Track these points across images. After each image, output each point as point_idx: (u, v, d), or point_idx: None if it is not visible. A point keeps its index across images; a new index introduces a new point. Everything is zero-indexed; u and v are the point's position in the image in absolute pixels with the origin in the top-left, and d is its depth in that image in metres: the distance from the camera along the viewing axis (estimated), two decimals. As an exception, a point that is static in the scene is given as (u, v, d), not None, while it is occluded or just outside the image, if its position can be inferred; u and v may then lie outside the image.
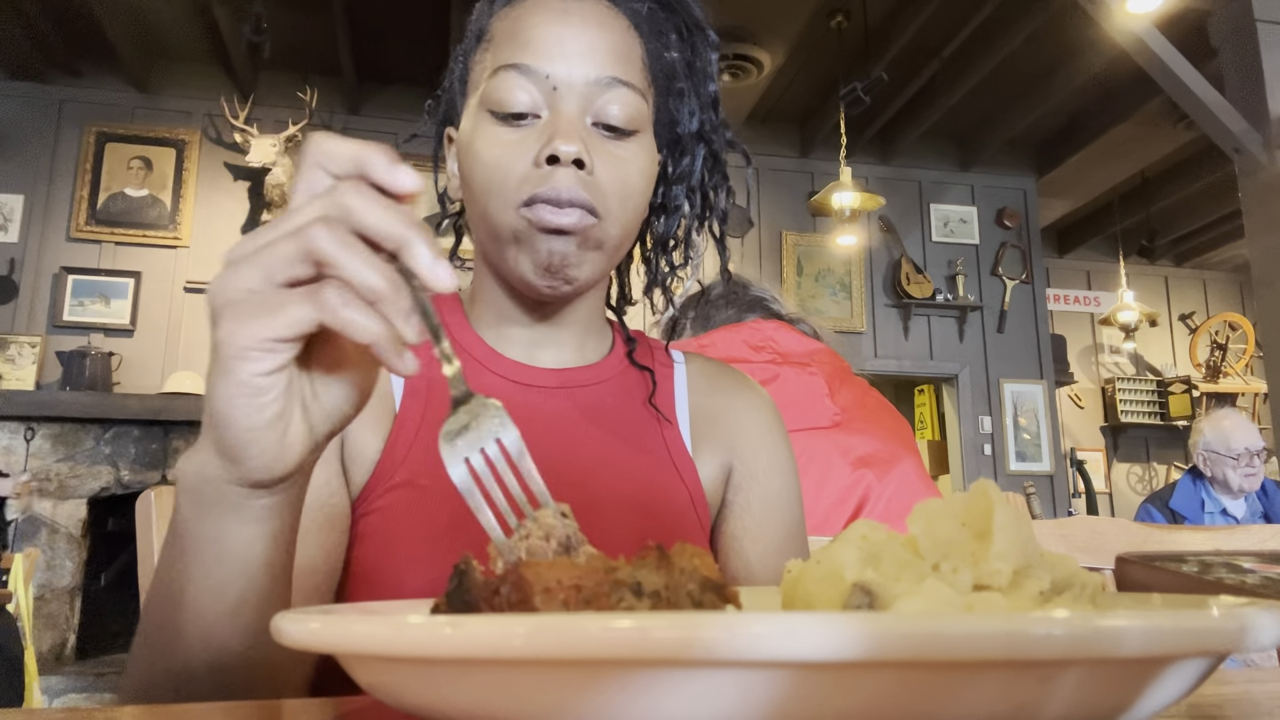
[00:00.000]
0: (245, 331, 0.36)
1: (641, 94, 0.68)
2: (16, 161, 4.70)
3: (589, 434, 0.70)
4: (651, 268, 0.78)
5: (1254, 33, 3.54)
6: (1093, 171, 6.09)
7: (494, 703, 0.25)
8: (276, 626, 0.30)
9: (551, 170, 0.63)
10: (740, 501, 0.75)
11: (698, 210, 0.77)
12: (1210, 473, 3.07)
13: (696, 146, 0.75)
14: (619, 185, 0.65)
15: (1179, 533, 1.11)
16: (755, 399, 0.80)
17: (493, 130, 0.65)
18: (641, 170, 0.68)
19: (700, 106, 0.74)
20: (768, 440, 0.78)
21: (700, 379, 0.79)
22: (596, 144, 0.65)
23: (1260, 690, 0.41)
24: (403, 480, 0.64)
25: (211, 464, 0.41)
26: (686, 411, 0.76)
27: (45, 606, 3.97)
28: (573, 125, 0.64)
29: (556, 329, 0.73)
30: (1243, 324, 7.30)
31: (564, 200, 0.62)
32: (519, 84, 0.65)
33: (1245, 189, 3.65)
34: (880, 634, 0.22)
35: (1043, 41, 4.61)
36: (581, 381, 0.73)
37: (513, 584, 0.29)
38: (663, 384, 0.77)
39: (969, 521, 0.32)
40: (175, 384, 4.36)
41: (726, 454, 0.76)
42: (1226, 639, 0.24)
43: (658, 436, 0.74)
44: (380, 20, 4.49)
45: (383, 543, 0.63)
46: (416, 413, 0.67)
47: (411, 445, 0.65)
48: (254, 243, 0.37)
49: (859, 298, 5.71)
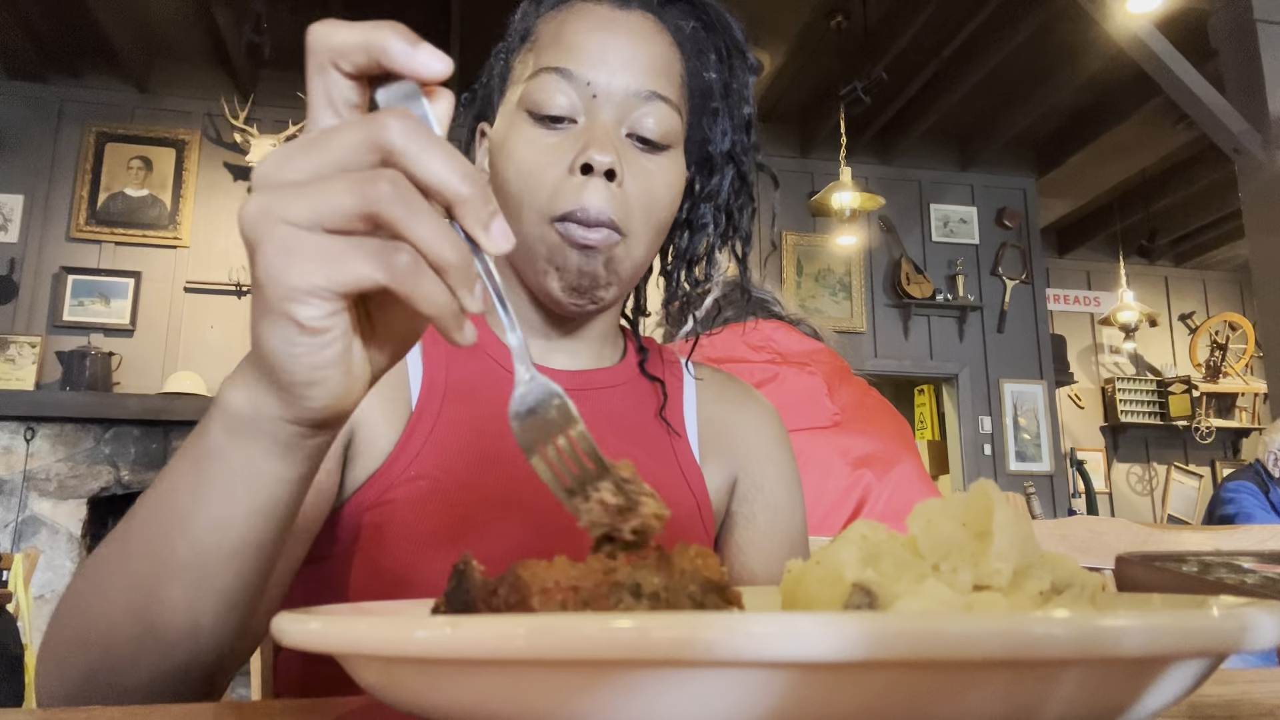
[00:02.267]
0: (299, 277, 0.33)
1: (677, 110, 0.69)
2: (16, 161, 4.70)
3: (600, 437, 0.70)
4: (672, 282, 0.80)
5: (1254, 33, 3.54)
6: (1093, 171, 6.09)
7: (494, 703, 0.25)
8: (277, 626, 0.30)
9: (584, 183, 0.64)
10: (745, 512, 0.77)
11: (722, 229, 0.78)
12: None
13: (726, 166, 0.76)
14: (646, 200, 0.67)
15: (1179, 533, 1.11)
16: (762, 410, 0.82)
17: (529, 131, 0.66)
18: (669, 186, 0.69)
19: (733, 128, 0.75)
20: (774, 452, 0.79)
21: (709, 390, 0.81)
22: (629, 155, 0.66)
23: (1260, 690, 0.41)
24: (418, 473, 0.64)
25: (268, 401, 0.38)
26: (695, 422, 0.78)
27: (45, 606, 3.97)
28: (608, 134, 0.65)
29: (573, 338, 0.74)
30: (1243, 324, 7.30)
31: (593, 220, 0.64)
32: (559, 87, 0.66)
33: (1245, 189, 3.65)
34: (880, 634, 0.22)
35: (1043, 41, 4.61)
36: (595, 384, 0.74)
37: (510, 584, 0.29)
38: (673, 394, 0.78)
39: (969, 521, 0.32)
40: (175, 384, 4.36)
41: (732, 465, 0.78)
42: (1226, 639, 0.24)
43: (667, 444, 0.75)
44: (380, 20, 4.48)
45: (397, 535, 0.62)
46: (434, 406, 0.67)
47: (427, 439, 0.65)
48: (297, 168, 0.34)
49: (859, 298, 5.71)
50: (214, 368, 4.58)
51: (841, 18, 4.55)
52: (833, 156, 5.27)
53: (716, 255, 0.79)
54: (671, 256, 0.80)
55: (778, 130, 5.70)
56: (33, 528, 4.06)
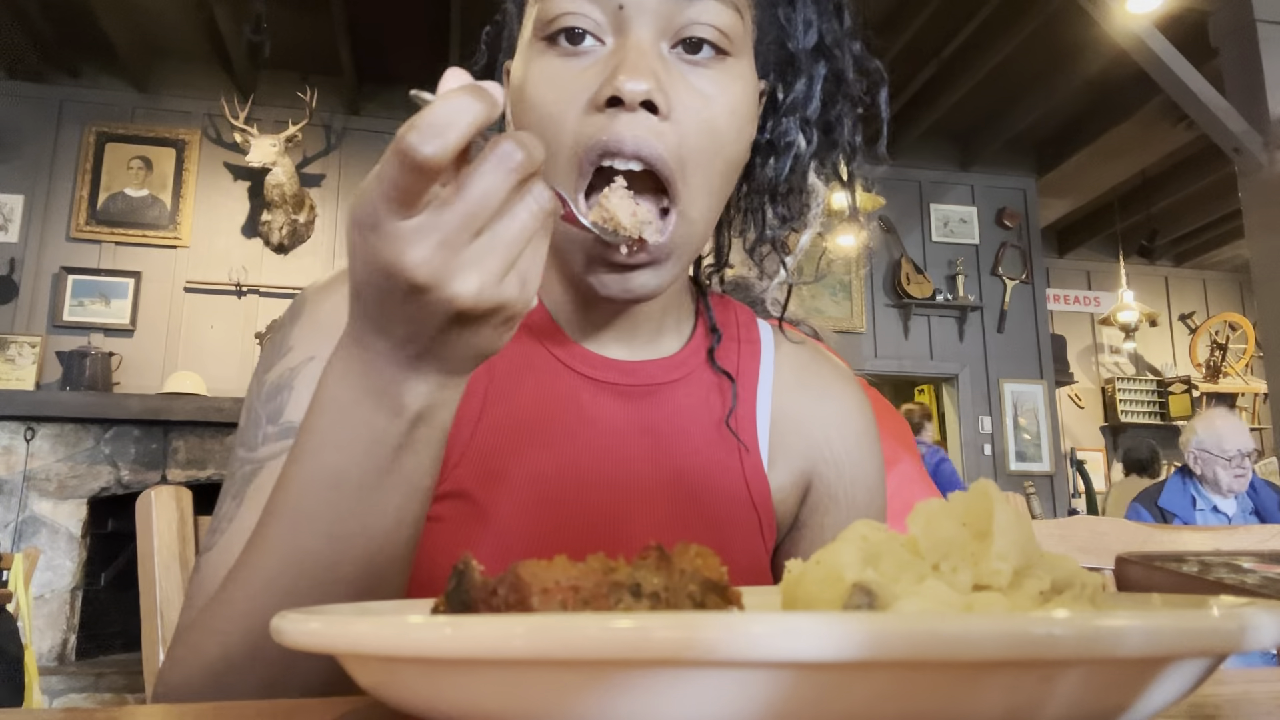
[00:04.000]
0: (522, 302, 0.39)
1: (735, 7, 0.55)
2: (16, 161, 4.70)
3: (654, 447, 0.61)
4: (756, 221, 0.65)
5: (1254, 33, 3.54)
6: (1093, 171, 6.10)
7: (494, 703, 0.25)
8: (276, 626, 0.30)
9: (613, 116, 0.51)
10: (815, 523, 0.66)
11: (813, 147, 0.62)
12: (1201, 471, 3.08)
13: (815, 66, 0.61)
14: (705, 133, 0.53)
15: (1179, 533, 1.11)
16: (848, 402, 0.69)
17: (545, 63, 0.54)
18: (734, 110, 0.55)
19: (819, 13, 0.61)
20: (854, 453, 0.67)
21: (788, 374, 0.67)
22: (674, 76, 0.53)
23: (1260, 690, 0.41)
24: (454, 489, 0.56)
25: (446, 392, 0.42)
26: (768, 411, 0.66)
27: (45, 606, 3.97)
28: (643, 54, 0.51)
29: (626, 316, 0.61)
30: (1243, 324, 7.30)
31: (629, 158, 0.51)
32: (574, 2, 0.53)
33: (1245, 189, 3.65)
34: (880, 634, 0.22)
35: (1043, 41, 4.61)
36: (652, 379, 0.62)
37: (510, 584, 0.29)
38: (746, 389, 0.65)
39: (969, 521, 0.32)
40: (175, 384, 4.36)
41: (806, 467, 0.66)
42: (1226, 639, 0.24)
43: (733, 453, 0.63)
44: (380, 20, 4.49)
45: (429, 555, 0.54)
46: (474, 412, 0.58)
47: (466, 450, 0.57)
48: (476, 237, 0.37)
49: (859, 298, 5.71)
50: (214, 367, 4.58)
51: (841, 18, 4.55)
52: (833, 156, 5.27)
53: (812, 180, 0.65)
54: (749, 191, 0.65)
55: (778, 130, 5.70)
56: (33, 528, 4.06)
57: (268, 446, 0.54)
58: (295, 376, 0.56)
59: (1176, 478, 3.19)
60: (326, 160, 5.07)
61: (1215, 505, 3.07)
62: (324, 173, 5.05)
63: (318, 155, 5.05)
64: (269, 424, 0.55)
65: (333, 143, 5.08)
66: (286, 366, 0.56)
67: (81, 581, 4.10)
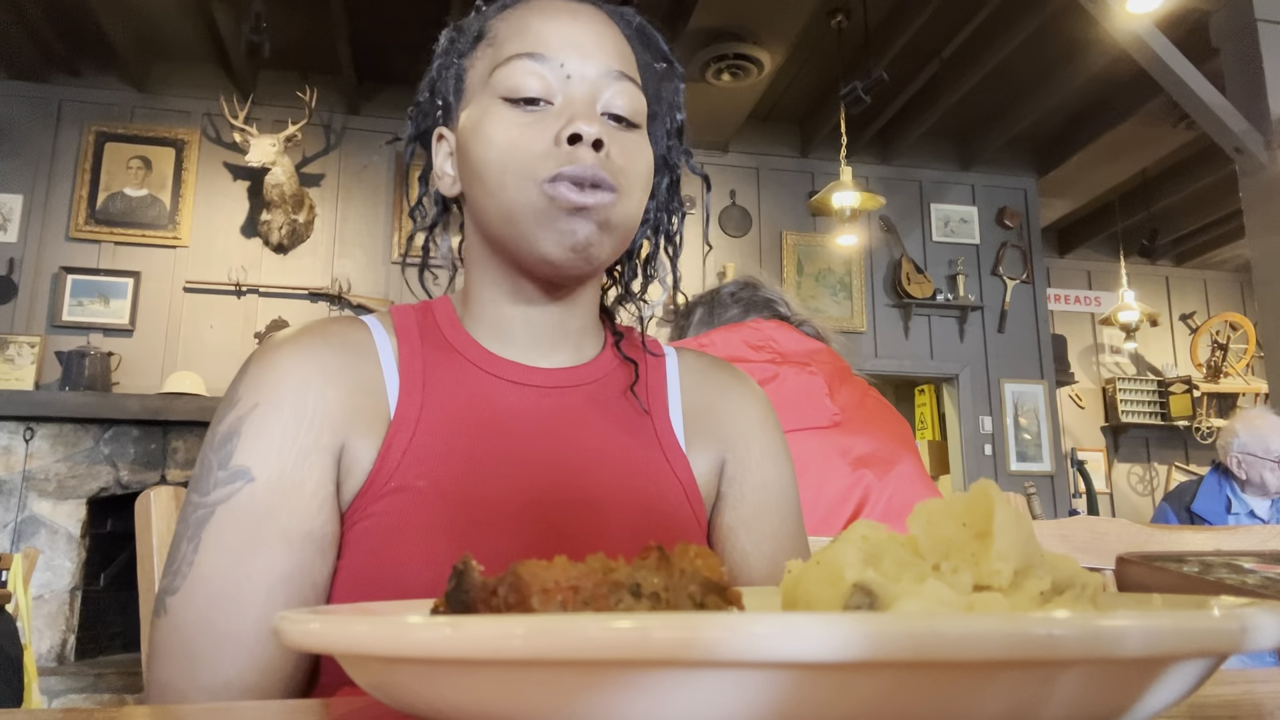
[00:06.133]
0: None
1: (643, 92, 0.71)
2: (16, 161, 4.70)
3: (585, 432, 0.71)
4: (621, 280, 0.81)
5: (1254, 33, 3.54)
6: (1093, 171, 6.09)
7: (493, 703, 0.25)
8: (275, 626, 0.29)
9: (574, 149, 0.64)
10: (734, 493, 0.76)
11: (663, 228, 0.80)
12: (1245, 475, 2.94)
13: (662, 170, 0.78)
14: (632, 167, 0.68)
15: (1180, 533, 1.11)
16: (747, 393, 0.81)
17: (507, 114, 0.67)
18: (647, 161, 0.70)
19: (667, 134, 0.78)
20: (759, 433, 0.79)
21: (692, 374, 0.80)
22: (608, 131, 0.67)
23: (1261, 690, 0.41)
24: (398, 485, 0.63)
25: None
26: (679, 406, 0.77)
27: (45, 606, 3.97)
28: (591, 108, 0.67)
29: (556, 330, 0.73)
30: (1243, 324, 7.30)
31: (587, 180, 0.64)
32: (533, 70, 0.67)
33: (1246, 189, 3.65)
34: (880, 634, 0.22)
35: (1043, 41, 4.61)
36: (577, 380, 0.73)
37: (510, 585, 0.29)
38: (655, 378, 0.78)
39: (969, 521, 0.32)
40: (175, 384, 4.36)
41: (719, 448, 0.77)
42: (1227, 639, 0.24)
43: (650, 432, 0.74)
44: (380, 20, 4.49)
45: (377, 547, 0.62)
46: (412, 415, 0.66)
47: (407, 449, 0.65)
48: None
49: (859, 298, 5.71)
50: (213, 367, 4.58)
51: (842, 18, 4.55)
52: (833, 156, 5.27)
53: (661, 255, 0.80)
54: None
55: (778, 130, 5.70)
56: (32, 528, 4.06)
57: (218, 491, 0.60)
58: (242, 424, 0.62)
59: (1212, 479, 3.05)
60: (326, 160, 5.07)
61: (1252, 509, 2.94)
62: (323, 172, 5.05)
63: (317, 155, 5.05)
64: (219, 469, 0.60)
65: (332, 142, 5.08)
66: (235, 416, 0.63)
67: (81, 582, 4.10)
